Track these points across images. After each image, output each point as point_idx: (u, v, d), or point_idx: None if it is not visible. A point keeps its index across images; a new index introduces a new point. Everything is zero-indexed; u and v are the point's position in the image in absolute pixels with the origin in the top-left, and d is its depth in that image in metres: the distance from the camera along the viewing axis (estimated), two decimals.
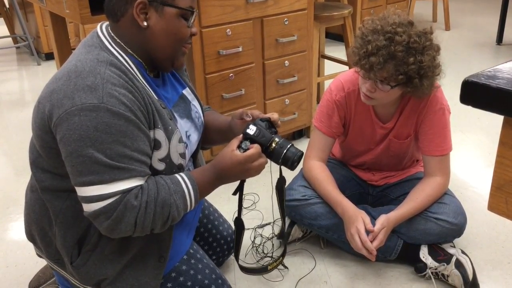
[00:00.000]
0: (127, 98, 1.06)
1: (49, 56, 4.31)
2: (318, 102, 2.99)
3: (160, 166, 1.15)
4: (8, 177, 2.39)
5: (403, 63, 1.40)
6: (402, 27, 1.42)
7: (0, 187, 2.29)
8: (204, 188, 1.19)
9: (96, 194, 1.04)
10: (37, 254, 1.35)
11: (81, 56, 1.10)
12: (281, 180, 1.40)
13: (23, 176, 2.38)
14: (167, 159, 1.16)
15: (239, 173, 1.20)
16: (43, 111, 1.08)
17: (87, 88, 1.03)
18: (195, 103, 1.36)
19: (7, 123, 3.06)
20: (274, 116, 1.28)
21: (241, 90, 2.23)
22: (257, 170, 1.21)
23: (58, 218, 1.17)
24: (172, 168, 1.19)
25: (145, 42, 1.15)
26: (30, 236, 1.28)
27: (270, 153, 1.23)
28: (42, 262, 1.70)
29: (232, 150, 1.18)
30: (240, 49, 2.15)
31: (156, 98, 1.17)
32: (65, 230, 1.17)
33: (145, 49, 1.16)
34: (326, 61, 3.08)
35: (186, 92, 1.34)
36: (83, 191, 1.05)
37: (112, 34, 1.15)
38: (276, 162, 1.25)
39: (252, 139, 1.22)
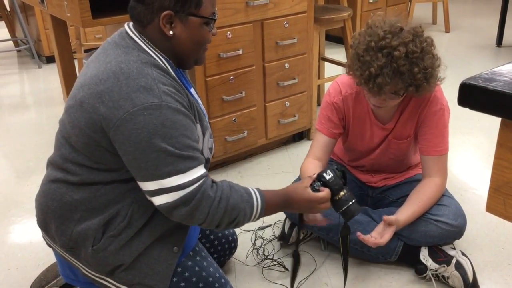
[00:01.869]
0: (178, 95, 1.14)
1: (50, 59, 4.33)
2: (318, 105, 3.00)
3: (199, 153, 1.21)
4: (10, 180, 2.39)
5: (409, 75, 1.40)
6: (395, 37, 1.40)
7: (1, 190, 2.30)
8: (270, 208, 1.28)
9: (176, 184, 1.11)
10: (47, 243, 1.36)
11: (121, 57, 1.14)
12: (346, 228, 1.46)
13: (24, 178, 2.38)
14: (201, 153, 1.23)
15: (304, 208, 1.34)
16: (92, 111, 1.12)
17: (142, 89, 1.09)
18: (200, 101, 1.41)
19: (8, 126, 3.07)
20: None
21: (242, 93, 2.23)
22: (319, 211, 1.35)
23: (90, 204, 1.21)
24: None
25: (171, 47, 1.21)
26: (44, 225, 1.29)
27: (335, 201, 1.35)
28: (44, 265, 1.70)
29: (305, 187, 1.31)
30: (241, 51, 2.16)
31: (191, 96, 1.24)
32: (94, 215, 1.21)
33: (171, 52, 1.22)
34: (326, 63, 3.09)
35: (193, 91, 1.39)
36: (162, 183, 1.11)
37: (143, 36, 1.19)
38: (337, 210, 1.36)
39: (325, 183, 1.33)
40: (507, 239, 1.82)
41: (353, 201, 1.35)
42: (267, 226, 1.93)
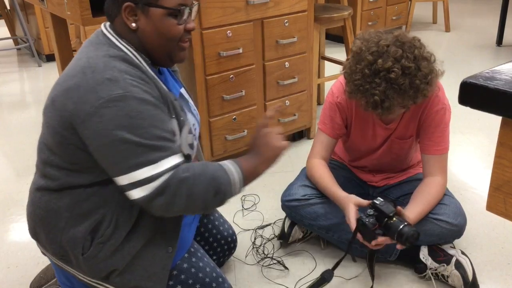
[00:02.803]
0: (147, 86, 1.11)
1: (50, 58, 4.32)
2: (318, 104, 3.00)
3: (171, 143, 1.19)
4: (9, 178, 2.39)
5: (413, 89, 1.39)
6: (385, 57, 1.38)
7: (1, 188, 2.30)
8: (248, 168, 1.20)
9: (149, 175, 1.07)
10: (42, 252, 1.35)
11: (91, 53, 1.13)
12: (372, 253, 1.53)
13: (24, 177, 2.38)
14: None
15: (271, 150, 1.23)
16: (61, 108, 1.10)
17: (107, 81, 1.06)
18: (191, 102, 1.40)
19: (8, 125, 3.06)
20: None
21: (242, 92, 2.23)
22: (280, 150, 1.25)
23: (73, 211, 1.18)
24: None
25: (140, 41, 1.18)
26: (34, 234, 1.28)
27: (388, 225, 1.39)
28: (44, 263, 1.70)
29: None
30: (241, 50, 2.16)
31: (167, 90, 1.21)
32: (79, 223, 1.19)
33: (141, 47, 1.20)
34: (326, 62, 3.09)
35: (183, 91, 1.38)
36: (134, 176, 1.08)
37: (115, 32, 1.18)
38: (392, 235, 1.40)
39: (377, 208, 1.41)
40: (506, 238, 1.82)
41: (406, 223, 1.38)
42: (267, 225, 1.93)
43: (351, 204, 1.50)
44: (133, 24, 1.16)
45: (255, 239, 1.85)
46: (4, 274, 1.72)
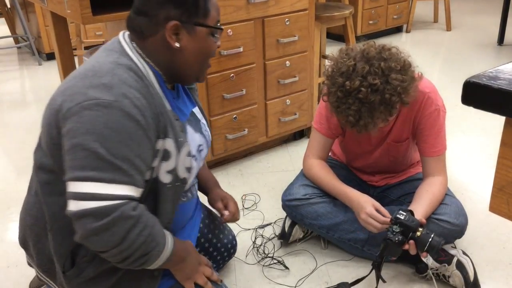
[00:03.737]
0: (141, 102, 1.05)
1: (50, 56, 4.32)
2: (319, 103, 2.99)
3: (167, 179, 1.14)
4: (9, 177, 2.39)
5: (385, 103, 1.38)
6: (353, 77, 1.37)
7: (1, 187, 2.29)
8: (175, 253, 1.17)
9: (92, 191, 0.99)
10: (27, 262, 1.31)
11: (100, 58, 1.10)
12: (380, 260, 1.49)
13: (24, 176, 2.38)
14: (174, 171, 1.15)
15: (192, 266, 1.27)
16: (53, 104, 1.07)
17: (102, 86, 1.02)
18: (204, 121, 1.36)
19: (8, 123, 3.06)
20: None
21: (242, 91, 2.22)
22: (201, 273, 1.28)
23: (56, 223, 1.14)
24: (176, 181, 1.17)
25: (174, 60, 1.15)
26: (23, 242, 1.24)
27: (416, 239, 1.39)
28: None
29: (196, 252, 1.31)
30: (241, 49, 2.15)
31: (170, 108, 1.16)
32: (62, 237, 1.14)
33: (172, 66, 1.16)
34: (327, 61, 3.08)
35: (196, 110, 1.34)
36: (78, 187, 0.99)
37: (134, 44, 1.15)
38: (421, 249, 1.40)
39: (402, 223, 1.39)
40: (508, 238, 1.81)
41: (433, 235, 1.39)
42: (267, 225, 1.93)
43: (371, 207, 1.51)
44: (177, 44, 1.12)
45: (255, 238, 1.85)
46: (4, 273, 1.72)
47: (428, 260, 1.59)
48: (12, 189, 2.27)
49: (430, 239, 1.39)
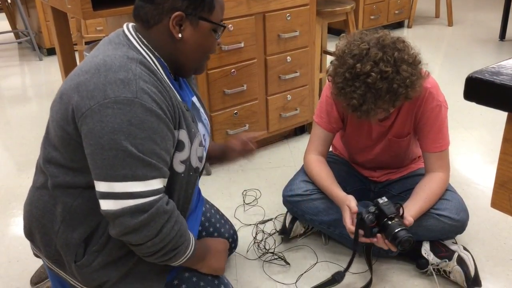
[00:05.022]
0: (158, 96, 1.06)
1: (51, 51, 4.31)
2: (320, 98, 2.99)
3: (181, 168, 1.16)
4: (10, 172, 2.39)
5: (391, 93, 1.38)
6: (364, 60, 1.37)
7: (2, 183, 2.30)
8: (197, 250, 1.25)
9: (128, 190, 1.02)
10: (34, 253, 1.32)
11: (109, 52, 1.09)
12: (369, 246, 1.54)
13: (25, 171, 2.38)
14: (187, 161, 1.17)
15: (217, 261, 1.38)
16: (67, 101, 1.07)
17: (119, 81, 1.02)
18: (202, 110, 1.37)
19: (9, 119, 3.06)
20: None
21: (243, 86, 2.22)
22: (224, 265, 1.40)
23: (68, 215, 1.15)
24: (190, 171, 1.20)
25: (175, 51, 1.17)
26: (29, 235, 1.25)
27: (386, 226, 1.40)
28: None
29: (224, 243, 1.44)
30: (242, 44, 2.14)
31: (181, 100, 1.18)
32: (73, 228, 1.15)
33: (173, 56, 1.18)
34: (328, 56, 3.07)
35: (194, 99, 1.35)
36: (112, 186, 1.02)
37: (140, 36, 1.15)
38: (387, 236, 1.41)
39: (378, 207, 1.42)
40: (509, 234, 1.81)
41: (404, 227, 1.38)
42: (268, 220, 1.93)
43: (346, 206, 1.51)
44: (179, 35, 1.14)
45: (256, 234, 1.85)
46: (5, 269, 1.72)
47: (429, 255, 1.59)
48: (13, 185, 2.27)
49: (398, 229, 1.37)
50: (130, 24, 1.19)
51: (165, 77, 1.15)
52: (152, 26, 1.15)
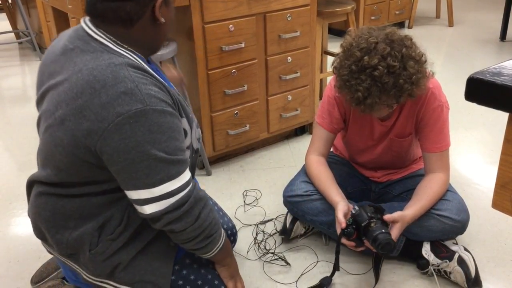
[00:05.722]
0: (161, 94, 1.08)
1: None
2: (320, 98, 2.99)
3: (187, 154, 1.20)
4: (11, 172, 2.39)
5: (396, 89, 1.38)
6: (372, 54, 1.37)
7: (2, 183, 2.30)
8: (226, 244, 1.33)
9: (168, 190, 1.09)
10: (47, 251, 1.34)
11: (90, 64, 1.06)
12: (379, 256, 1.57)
13: (26, 171, 2.38)
14: (190, 146, 1.23)
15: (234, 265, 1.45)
16: (75, 128, 1.05)
17: (123, 95, 1.02)
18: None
19: (9, 119, 3.06)
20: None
21: (244, 86, 2.22)
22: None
23: (84, 212, 1.18)
24: (192, 153, 1.26)
25: (157, 35, 1.18)
26: (40, 235, 1.27)
27: (367, 231, 1.43)
28: (45, 258, 1.70)
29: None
30: (243, 45, 2.14)
31: (173, 89, 1.21)
32: (89, 221, 1.19)
33: (154, 42, 1.19)
34: (329, 57, 3.07)
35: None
36: (153, 192, 1.08)
37: (111, 37, 1.11)
38: (369, 240, 1.43)
39: (353, 217, 1.45)
40: (509, 234, 1.81)
41: (383, 231, 1.39)
42: (268, 220, 1.93)
43: (337, 211, 1.51)
44: (162, 19, 1.15)
45: (256, 234, 1.85)
46: (5, 268, 1.72)
47: (430, 256, 1.59)
48: (13, 185, 2.27)
49: (376, 233, 1.39)
50: (87, 23, 1.13)
51: (150, 70, 1.14)
52: (134, 24, 1.12)
